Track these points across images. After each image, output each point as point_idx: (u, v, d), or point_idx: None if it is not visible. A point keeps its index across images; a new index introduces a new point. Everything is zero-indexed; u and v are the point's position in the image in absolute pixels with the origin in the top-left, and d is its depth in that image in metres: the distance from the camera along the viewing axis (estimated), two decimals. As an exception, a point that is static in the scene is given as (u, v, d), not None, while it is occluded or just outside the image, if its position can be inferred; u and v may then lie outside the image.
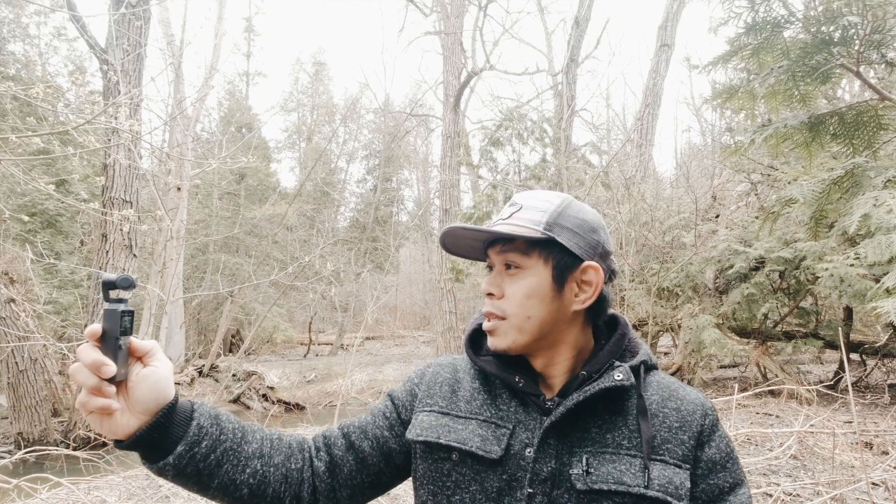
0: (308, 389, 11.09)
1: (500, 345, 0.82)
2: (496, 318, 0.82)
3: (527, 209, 0.82)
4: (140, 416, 0.70)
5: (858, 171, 1.76)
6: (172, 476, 0.73)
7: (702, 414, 0.79)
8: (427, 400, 0.88)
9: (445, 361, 0.95)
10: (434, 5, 11.91)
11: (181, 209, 10.29)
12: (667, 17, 11.16)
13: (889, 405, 5.61)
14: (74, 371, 0.66)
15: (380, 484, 0.90)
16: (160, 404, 0.71)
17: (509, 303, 0.81)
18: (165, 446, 0.72)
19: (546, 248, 0.80)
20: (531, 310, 0.79)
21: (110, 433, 0.70)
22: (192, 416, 0.74)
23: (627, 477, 0.73)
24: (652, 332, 7.19)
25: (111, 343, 0.67)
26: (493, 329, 0.82)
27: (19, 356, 6.65)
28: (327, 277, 12.75)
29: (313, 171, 17.85)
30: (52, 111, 7.53)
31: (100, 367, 0.66)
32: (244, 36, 20.48)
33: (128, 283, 0.69)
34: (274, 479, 0.80)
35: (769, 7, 1.76)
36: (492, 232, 0.80)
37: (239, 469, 0.77)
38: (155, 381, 0.70)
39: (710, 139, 12.99)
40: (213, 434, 0.75)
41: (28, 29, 12.61)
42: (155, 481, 3.89)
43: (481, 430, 0.81)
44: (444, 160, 10.68)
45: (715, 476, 0.76)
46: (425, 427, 0.84)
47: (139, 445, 0.71)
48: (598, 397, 0.77)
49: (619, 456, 0.75)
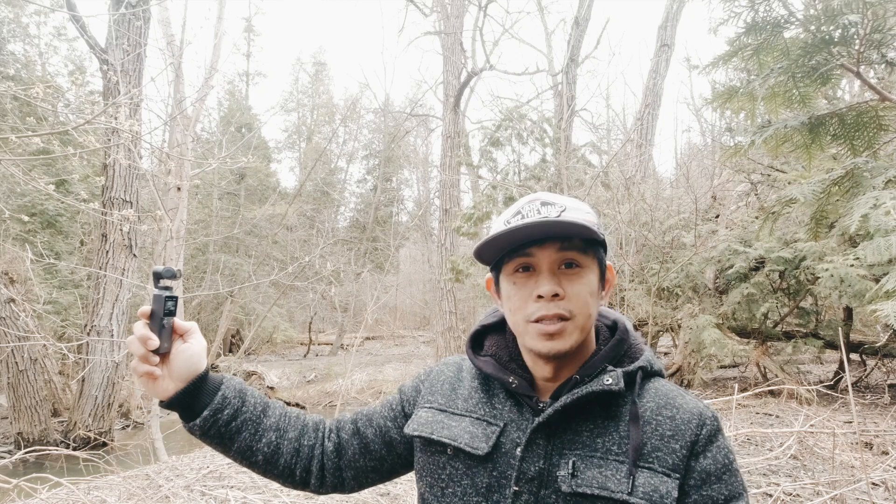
0: (308, 389, 11.10)
1: (565, 346, 0.78)
2: (563, 319, 0.78)
3: (573, 210, 0.80)
4: (177, 383, 0.84)
5: (858, 172, 1.75)
6: (199, 435, 0.87)
7: (698, 423, 0.77)
8: (428, 397, 0.92)
9: (452, 361, 0.98)
10: (434, 5, 11.90)
11: (181, 209, 10.27)
12: (667, 17, 11.15)
13: (889, 405, 5.61)
14: (129, 342, 0.82)
15: (382, 469, 0.96)
16: (193, 374, 0.85)
17: (574, 302, 0.78)
18: (195, 409, 0.86)
19: (595, 247, 0.82)
20: (591, 308, 0.80)
21: (155, 394, 0.85)
22: (219, 387, 0.87)
23: (612, 482, 0.73)
24: (652, 332, 7.19)
25: (157, 321, 0.83)
26: (561, 331, 0.78)
27: (19, 356, 6.65)
28: (327, 277, 12.75)
29: (313, 171, 17.85)
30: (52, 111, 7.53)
31: (146, 341, 0.81)
32: (244, 36, 20.49)
33: (171, 273, 0.85)
34: (286, 451, 0.91)
35: (769, 7, 1.75)
36: (577, 224, 0.76)
37: (256, 438, 0.89)
38: (190, 355, 0.85)
39: (710, 139, 12.99)
40: (236, 405, 0.88)
41: (28, 29, 12.61)
42: (154, 481, 3.89)
43: (472, 427, 0.83)
44: (444, 160, 10.68)
45: (708, 487, 0.75)
46: (422, 423, 0.88)
47: (175, 406, 0.85)
48: (587, 400, 0.77)
49: (607, 461, 0.74)
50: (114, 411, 7.40)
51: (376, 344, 18.30)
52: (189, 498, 3.51)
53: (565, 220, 0.76)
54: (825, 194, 1.87)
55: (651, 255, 7.62)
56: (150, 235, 10.89)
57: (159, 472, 4.06)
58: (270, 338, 15.05)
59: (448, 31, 10.88)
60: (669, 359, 7.97)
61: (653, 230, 7.52)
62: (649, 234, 7.48)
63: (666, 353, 9.56)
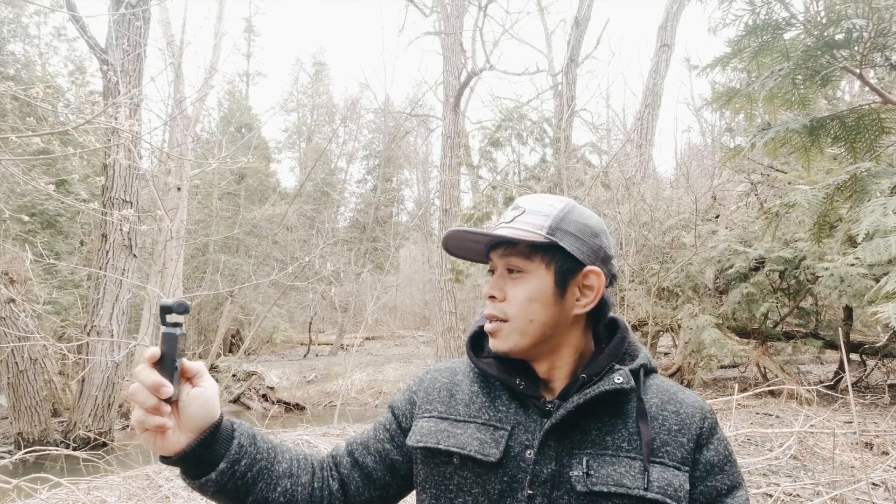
0: (308, 389, 11.10)
1: (502, 347, 0.82)
2: (498, 320, 0.82)
3: (530, 213, 0.82)
4: (189, 434, 0.73)
5: (863, 176, 1.74)
6: (213, 492, 0.76)
7: (701, 417, 0.80)
8: (426, 406, 0.89)
9: (443, 367, 0.95)
10: (434, 5, 11.90)
11: (181, 209, 10.28)
12: (667, 18, 11.15)
13: (889, 405, 5.61)
14: (134, 391, 0.69)
15: (388, 497, 0.91)
16: (208, 422, 0.74)
17: (511, 306, 0.81)
18: (209, 463, 0.75)
19: (548, 252, 0.80)
20: (533, 313, 0.80)
21: (161, 450, 0.73)
22: (233, 434, 0.78)
23: (627, 479, 0.73)
24: (652, 332, 7.19)
25: (168, 365, 0.70)
26: (495, 331, 0.83)
27: (19, 356, 6.65)
28: (327, 277, 12.74)
29: (313, 171, 17.84)
30: (52, 111, 7.52)
31: (159, 388, 0.69)
32: (244, 36, 20.47)
33: (183, 308, 0.72)
34: (301, 498, 0.84)
35: (770, 9, 1.75)
36: (493, 235, 0.81)
37: (271, 487, 0.81)
38: (205, 401, 0.74)
39: (710, 139, 12.99)
40: (251, 453, 0.79)
41: (28, 29, 12.60)
42: (154, 481, 3.89)
43: (479, 433, 0.81)
44: (444, 160, 10.68)
45: (713, 478, 0.77)
46: (424, 433, 0.85)
47: (185, 462, 0.74)
48: (598, 400, 0.78)
49: (619, 458, 0.75)
50: (114, 411, 7.40)
51: (376, 344, 18.29)
52: (189, 498, 3.51)
53: (494, 231, 0.81)
54: (829, 199, 1.87)
55: (651, 255, 7.62)
56: (150, 235, 10.90)
57: (159, 472, 4.06)
58: (270, 338, 15.04)
59: (448, 31, 10.88)
60: (669, 359, 7.98)
61: (653, 230, 7.52)
62: (649, 234, 7.48)
63: (666, 354, 9.56)
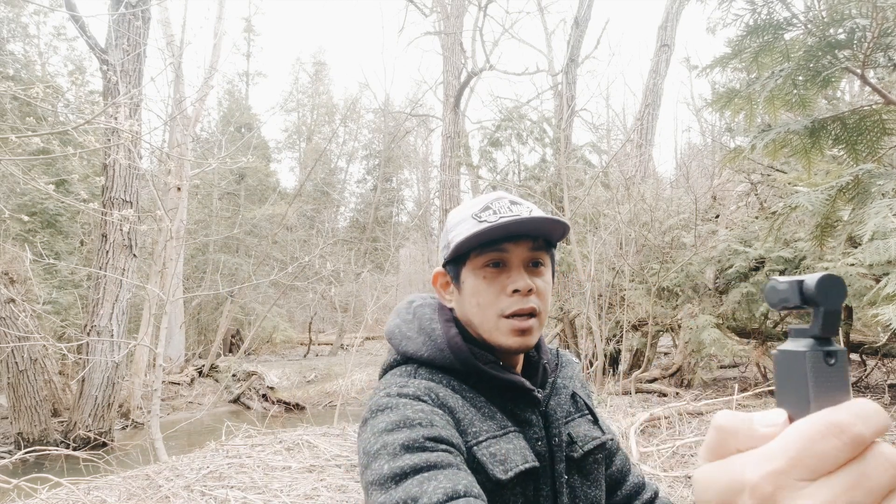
0: (308, 389, 11.09)
1: (532, 342, 0.79)
2: (533, 315, 0.78)
3: (537, 209, 0.84)
4: None
5: (867, 178, 1.73)
6: None
7: (579, 370, 0.95)
8: (471, 429, 0.73)
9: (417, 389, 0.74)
10: (434, 5, 11.90)
11: (181, 209, 10.27)
12: (667, 18, 11.15)
13: (889, 405, 5.61)
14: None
15: None
16: None
17: (542, 299, 0.80)
18: None
19: (553, 247, 0.85)
20: (550, 304, 0.84)
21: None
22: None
23: (595, 432, 0.84)
24: (652, 331, 7.20)
25: None
26: (531, 328, 0.78)
27: (19, 356, 6.65)
28: (327, 277, 12.75)
29: (313, 171, 17.84)
30: (51, 111, 7.53)
31: None
32: (244, 36, 20.47)
33: None
34: None
35: (771, 9, 1.75)
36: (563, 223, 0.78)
37: None
38: None
39: (710, 139, 12.99)
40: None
41: (28, 29, 12.60)
42: (154, 481, 3.89)
43: (509, 444, 0.74)
44: (443, 160, 10.69)
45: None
46: (501, 459, 0.72)
47: None
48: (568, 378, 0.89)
49: (577, 420, 0.85)
50: (114, 411, 7.40)
51: (376, 344, 18.29)
52: (189, 498, 3.51)
53: (556, 218, 0.77)
54: (831, 201, 1.86)
55: (651, 255, 7.63)
56: (150, 235, 10.89)
57: (159, 473, 4.06)
58: (270, 338, 15.05)
59: (448, 31, 10.88)
60: (669, 359, 7.98)
61: (653, 230, 7.53)
62: (649, 234, 7.48)
63: (666, 353, 9.56)
